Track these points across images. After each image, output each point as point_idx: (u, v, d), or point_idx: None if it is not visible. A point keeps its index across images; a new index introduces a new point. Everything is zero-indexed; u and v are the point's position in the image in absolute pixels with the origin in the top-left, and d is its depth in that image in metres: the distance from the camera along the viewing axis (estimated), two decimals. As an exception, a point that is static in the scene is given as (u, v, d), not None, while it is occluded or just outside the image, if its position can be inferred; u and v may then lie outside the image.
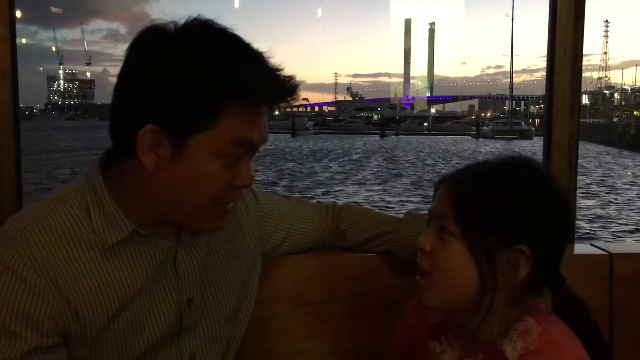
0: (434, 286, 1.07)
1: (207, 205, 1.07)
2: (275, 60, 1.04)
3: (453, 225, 1.05)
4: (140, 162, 1.02)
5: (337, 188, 20.46)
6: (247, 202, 1.35)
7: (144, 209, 1.08)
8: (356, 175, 25.36)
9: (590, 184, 22.26)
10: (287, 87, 1.04)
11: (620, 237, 13.04)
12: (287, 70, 1.04)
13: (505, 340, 1.05)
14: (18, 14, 1.57)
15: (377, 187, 21.05)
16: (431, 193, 1.16)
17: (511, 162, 1.10)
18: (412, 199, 17.93)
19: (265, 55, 1.04)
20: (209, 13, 1.05)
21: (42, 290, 1.00)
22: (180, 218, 1.10)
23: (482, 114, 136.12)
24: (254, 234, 1.34)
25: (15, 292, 0.99)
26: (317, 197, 17.45)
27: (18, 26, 1.54)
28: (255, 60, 1.03)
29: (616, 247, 1.65)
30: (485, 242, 1.02)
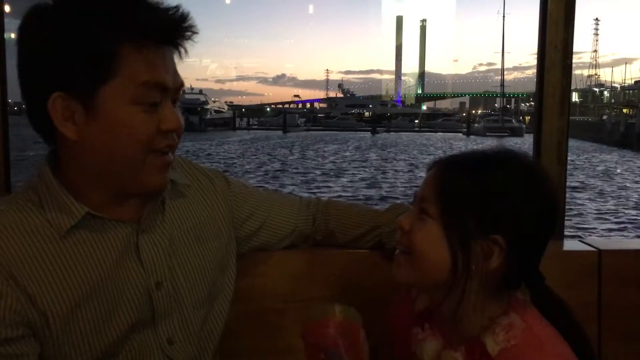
0: (409, 264, 1.09)
1: (141, 155, 1.06)
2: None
3: (433, 206, 1.06)
4: (66, 140, 1.04)
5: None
6: (217, 185, 1.34)
7: (94, 185, 1.09)
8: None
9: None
10: (173, 16, 1.04)
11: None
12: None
13: (487, 334, 1.05)
14: (7, 8, 1.55)
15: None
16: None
17: (502, 154, 1.11)
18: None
19: None
20: (198, 8, 1.06)
21: None
22: (124, 180, 1.09)
23: (473, 111, 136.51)
24: (225, 218, 1.33)
25: None
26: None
27: (6, 20, 1.53)
28: (133, 1, 1.04)
29: (605, 244, 1.67)
30: (461, 227, 1.03)
